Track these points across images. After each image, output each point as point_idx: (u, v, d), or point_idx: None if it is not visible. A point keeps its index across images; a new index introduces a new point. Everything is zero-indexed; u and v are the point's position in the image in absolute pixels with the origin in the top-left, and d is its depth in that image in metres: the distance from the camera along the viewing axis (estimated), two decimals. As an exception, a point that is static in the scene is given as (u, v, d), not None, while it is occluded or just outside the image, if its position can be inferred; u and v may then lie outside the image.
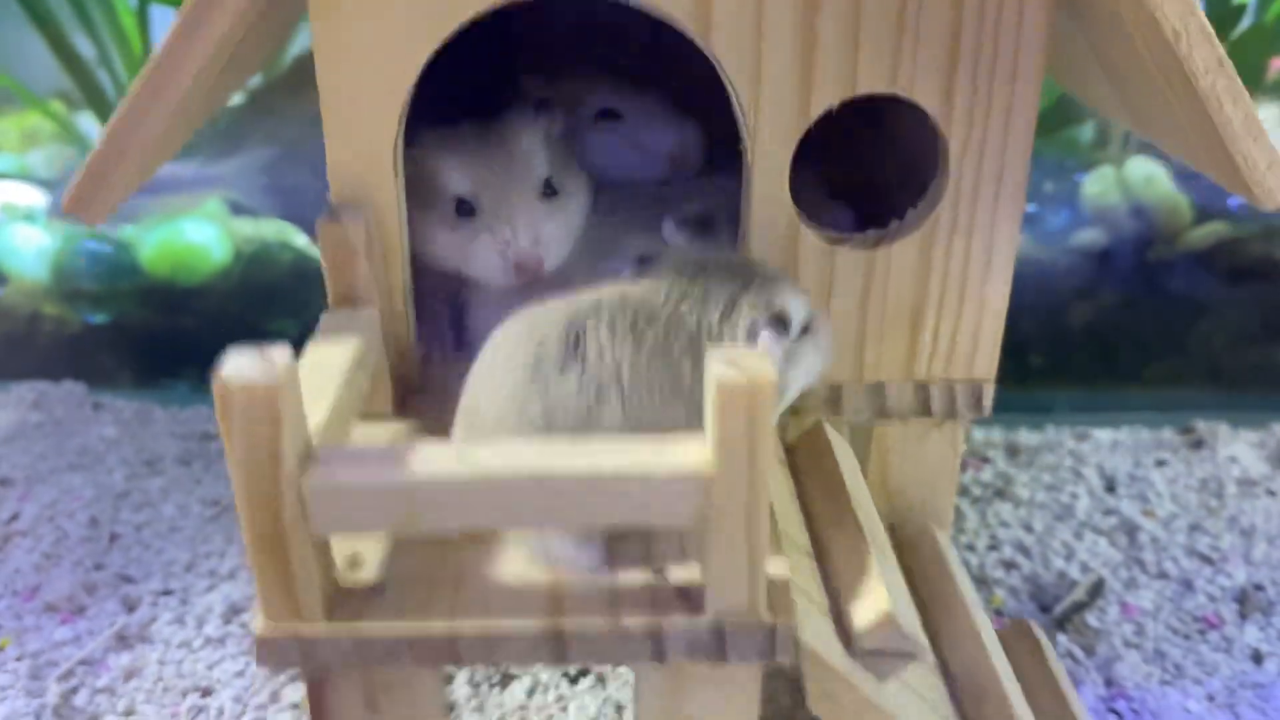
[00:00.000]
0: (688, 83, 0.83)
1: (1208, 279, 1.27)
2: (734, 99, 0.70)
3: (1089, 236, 1.27)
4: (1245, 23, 1.27)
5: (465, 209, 0.78)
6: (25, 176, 1.43)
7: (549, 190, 0.80)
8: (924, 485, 0.84)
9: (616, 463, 0.52)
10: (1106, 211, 1.26)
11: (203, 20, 0.61)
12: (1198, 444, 1.22)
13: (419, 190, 0.77)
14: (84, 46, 1.35)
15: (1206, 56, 0.60)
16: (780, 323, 0.63)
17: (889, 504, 0.84)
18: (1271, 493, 1.14)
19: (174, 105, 0.62)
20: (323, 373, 0.62)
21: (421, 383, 0.80)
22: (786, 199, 0.73)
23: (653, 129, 0.91)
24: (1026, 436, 1.24)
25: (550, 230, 0.79)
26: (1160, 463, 1.19)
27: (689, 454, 0.52)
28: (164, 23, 1.36)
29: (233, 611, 0.96)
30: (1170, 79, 0.63)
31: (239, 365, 0.49)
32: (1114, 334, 1.29)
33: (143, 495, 1.12)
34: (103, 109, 1.36)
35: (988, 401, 0.80)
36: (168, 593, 0.99)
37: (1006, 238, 0.75)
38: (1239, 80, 0.60)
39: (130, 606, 0.97)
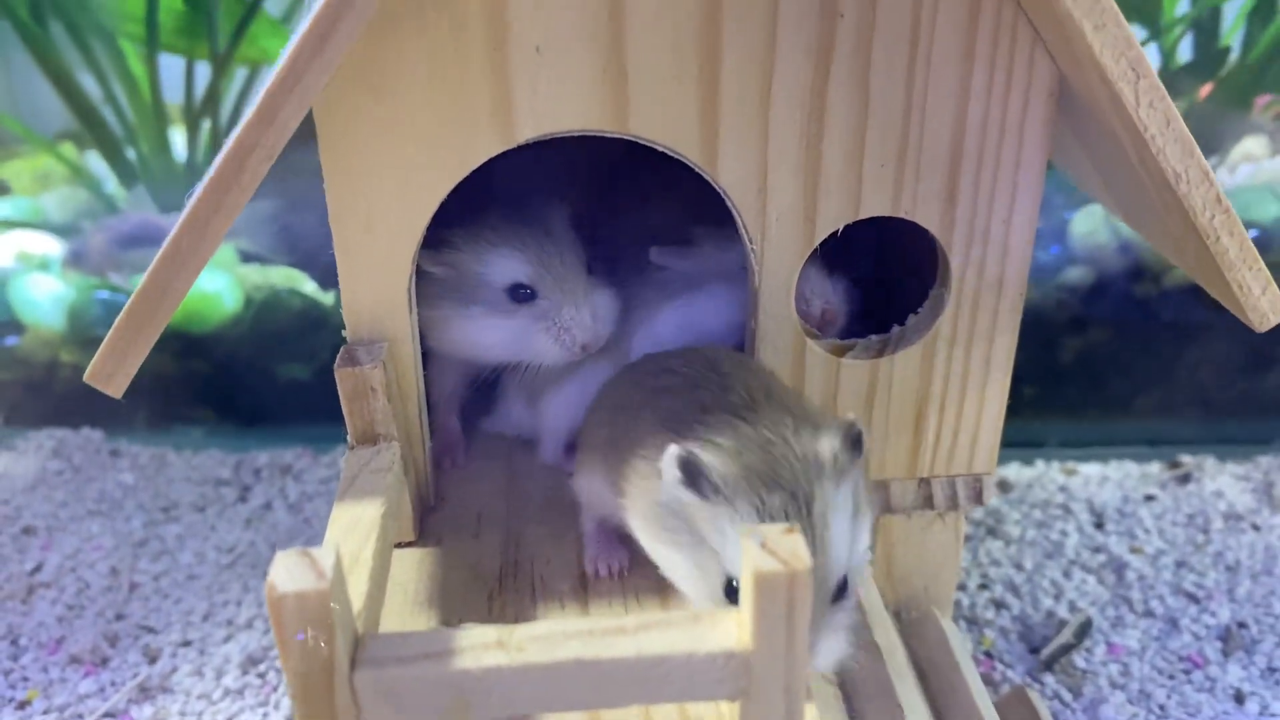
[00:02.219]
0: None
1: (1195, 312, 1.30)
2: (740, 225, 0.73)
3: (1078, 274, 1.29)
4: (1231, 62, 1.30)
5: (523, 295, 0.80)
6: (39, 219, 1.47)
7: (591, 271, 0.83)
8: (927, 573, 0.88)
9: (659, 645, 0.53)
10: (1095, 250, 1.29)
11: (222, 204, 0.63)
12: (1185, 478, 1.25)
13: (457, 289, 0.80)
14: (91, 87, 1.38)
15: (1205, 195, 0.64)
16: (691, 472, 0.59)
17: (894, 591, 0.89)
18: (1256, 527, 1.17)
19: (195, 276, 0.65)
20: (357, 535, 0.63)
21: (435, 500, 0.84)
22: (792, 314, 0.76)
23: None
24: (1018, 471, 1.27)
25: (604, 305, 0.82)
26: (1149, 498, 1.22)
27: (728, 633, 0.54)
28: (171, 71, 1.38)
29: (250, 662, 0.99)
30: (1169, 209, 0.67)
31: (289, 572, 0.50)
32: (1103, 366, 1.32)
33: (160, 543, 1.15)
34: (109, 149, 1.38)
35: (988, 494, 0.84)
36: (187, 643, 1.02)
37: (1005, 345, 0.79)
38: (1235, 214, 0.64)
39: (151, 658, 1.00)
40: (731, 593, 0.60)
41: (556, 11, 0.65)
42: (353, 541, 0.64)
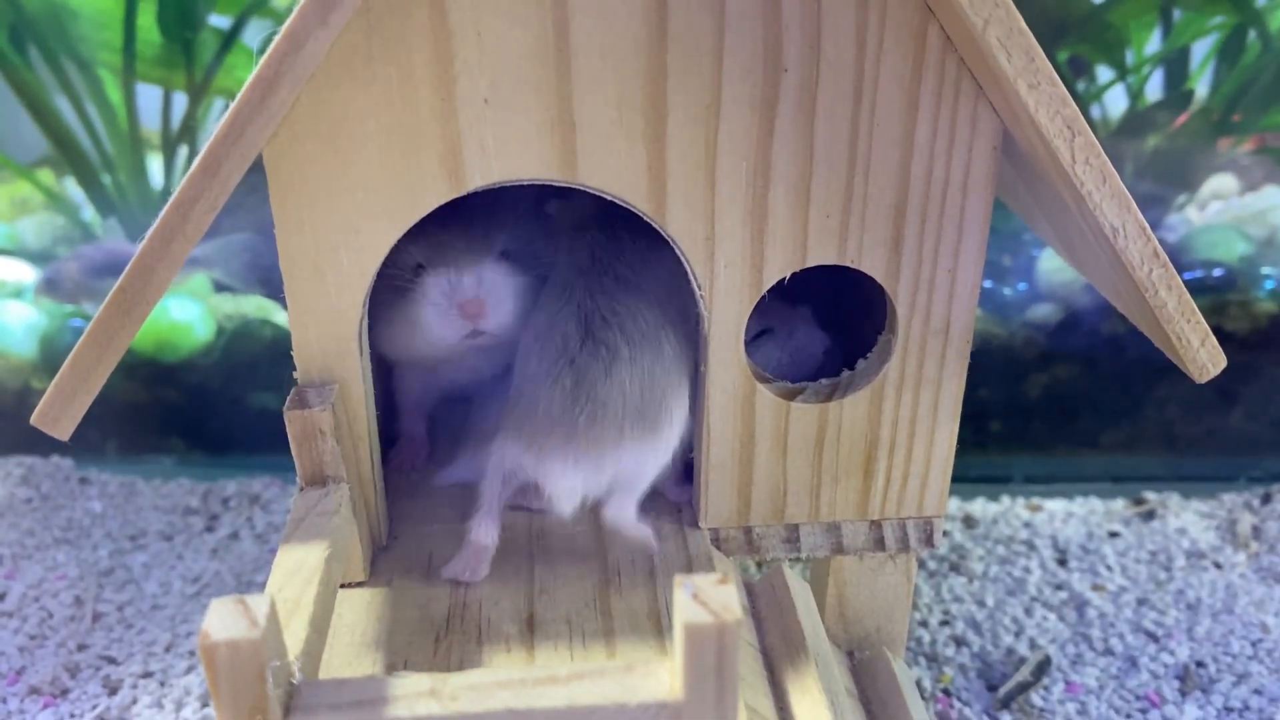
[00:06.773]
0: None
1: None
2: (690, 273, 0.74)
3: (1045, 311, 1.30)
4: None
5: (420, 270, 0.82)
6: (16, 246, 1.47)
7: (505, 256, 0.84)
8: (879, 613, 0.89)
9: (590, 696, 0.54)
10: (1061, 287, 1.30)
11: (166, 255, 0.64)
12: (1149, 515, 1.26)
13: (400, 295, 0.82)
14: (68, 114, 1.39)
15: (1143, 249, 0.65)
16: None
17: (846, 631, 0.89)
18: (1218, 565, 1.18)
19: (140, 323, 0.66)
20: (299, 579, 0.63)
21: (387, 540, 0.85)
22: (742, 359, 0.77)
23: (800, 335, 0.92)
24: (983, 507, 1.28)
25: (495, 283, 0.82)
26: (1113, 534, 1.23)
27: (659, 684, 0.55)
28: (148, 98, 1.39)
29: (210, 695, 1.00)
30: (1109, 260, 0.68)
31: (222, 621, 0.51)
32: (1070, 403, 1.33)
33: (126, 572, 1.16)
34: (86, 176, 1.39)
35: (938, 537, 0.85)
36: (148, 675, 1.02)
37: (953, 390, 0.80)
38: (1172, 268, 0.65)
39: (111, 689, 1.01)
40: None
41: (503, 65, 0.66)
42: (294, 586, 0.64)
